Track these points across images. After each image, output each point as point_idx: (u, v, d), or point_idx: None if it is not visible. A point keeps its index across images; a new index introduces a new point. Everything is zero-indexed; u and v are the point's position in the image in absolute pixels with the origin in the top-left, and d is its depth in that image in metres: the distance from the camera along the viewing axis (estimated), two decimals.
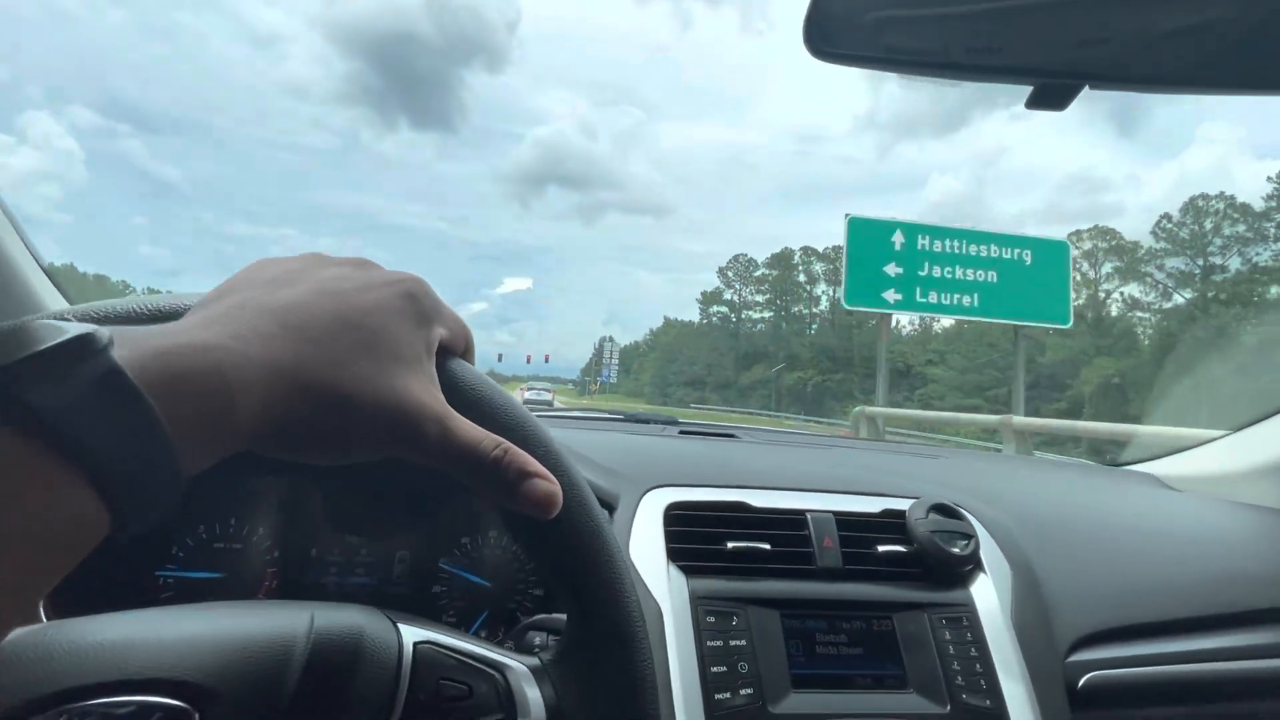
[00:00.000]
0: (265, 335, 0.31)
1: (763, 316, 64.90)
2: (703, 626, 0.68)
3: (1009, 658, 0.72)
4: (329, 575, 0.75)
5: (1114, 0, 0.51)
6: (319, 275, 0.36)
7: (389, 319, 0.35)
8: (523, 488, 0.37)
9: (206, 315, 0.32)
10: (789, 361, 54.93)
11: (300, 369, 0.31)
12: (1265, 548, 0.97)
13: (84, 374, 0.25)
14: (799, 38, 0.50)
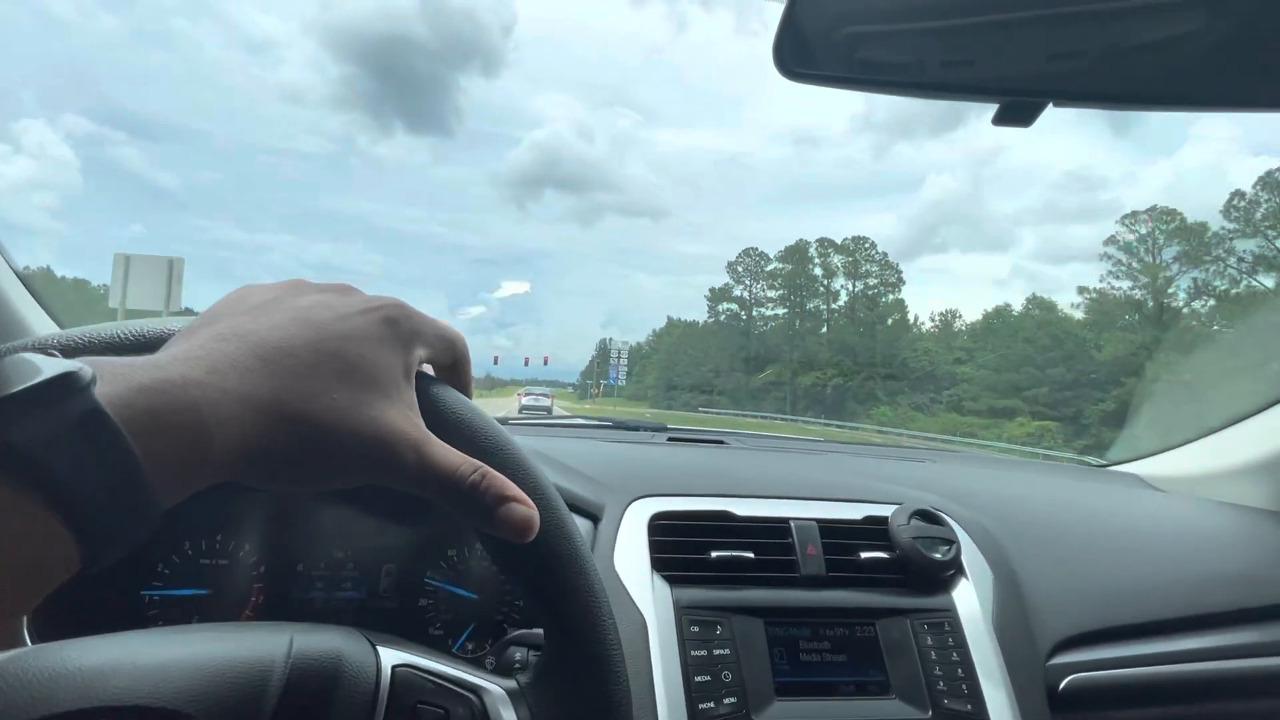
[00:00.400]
0: (243, 368, 0.32)
1: (775, 314, 60.12)
2: (687, 636, 0.68)
3: (990, 662, 0.73)
4: (315, 589, 0.76)
5: (1085, 15, 0.52)
6: (298, 303, 0.36)
7: (366, 346, 0.36)
8: (500, 513, 0.37)
9: (187, 348, 0.32)
10: (804, 361, 51.03)
11: (277, 401, 0.32)
12: (1246, 548, 0.98)
13: (65, 413, 0.26)
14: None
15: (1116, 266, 36.50)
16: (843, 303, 56.45)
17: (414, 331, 0.39)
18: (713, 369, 59.09)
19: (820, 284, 58.68)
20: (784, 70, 0.50)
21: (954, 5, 0.52)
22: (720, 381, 56.53)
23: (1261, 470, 1.11)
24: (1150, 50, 0.49)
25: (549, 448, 0.93)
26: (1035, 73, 0.50)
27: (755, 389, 52.87)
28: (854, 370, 46.88)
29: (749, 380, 54.60)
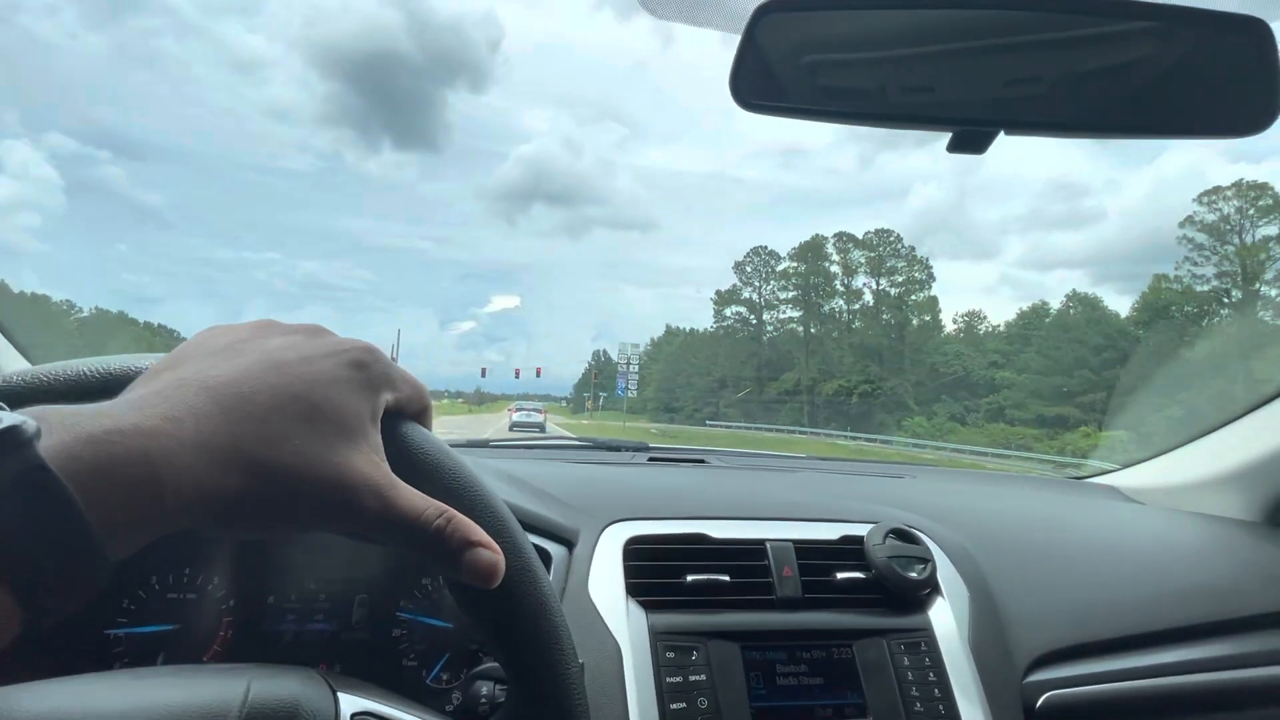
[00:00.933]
0: (200, 414, 0.31)
1: (790, 316, 54.39)
2: (662, 663, 0.68)
3: (966, 681, 0.73)
4: (286, 622, 0.75)
5: (1037, 44, 0.53)
6: (265, 346, 0.36)
7: (333, 389, 0.35)
8: (465, 558, 0.36)
9: (144, 394, 0.32)
10: (824, 369, 46.35)
11: (235, 448, 0.31)
12: (1220, 560, 0.99)
13: (6, 470, 0.25)
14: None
15: (1196, 252, 31.91)
16: (865, 302, 51.43)
17: (383, 375, 0.39)
18: (719, 379, 54.82)
19: (839, 283, 53.17)
20: (741, 101, 0.51)
21: (909, 35, 0.53)
22: (728, 392, 52.33)
23: (1233, 481, 1.12)
24: (1099, 78, 0.50)
25: (527, 471, 0.93)
26: (987, 101, 0.51)
27: (769, 400, 48.64)
28: (881, 377, 42.66)
29: (761, 390, 50.44)
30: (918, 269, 50.53)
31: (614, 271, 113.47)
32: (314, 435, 0.34)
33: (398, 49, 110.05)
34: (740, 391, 51.28)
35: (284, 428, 0.33)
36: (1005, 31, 0.50)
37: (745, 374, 53.03)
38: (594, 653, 0.67)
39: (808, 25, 0.51)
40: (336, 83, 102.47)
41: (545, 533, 0.77)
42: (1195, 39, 0.48)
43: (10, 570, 0.25)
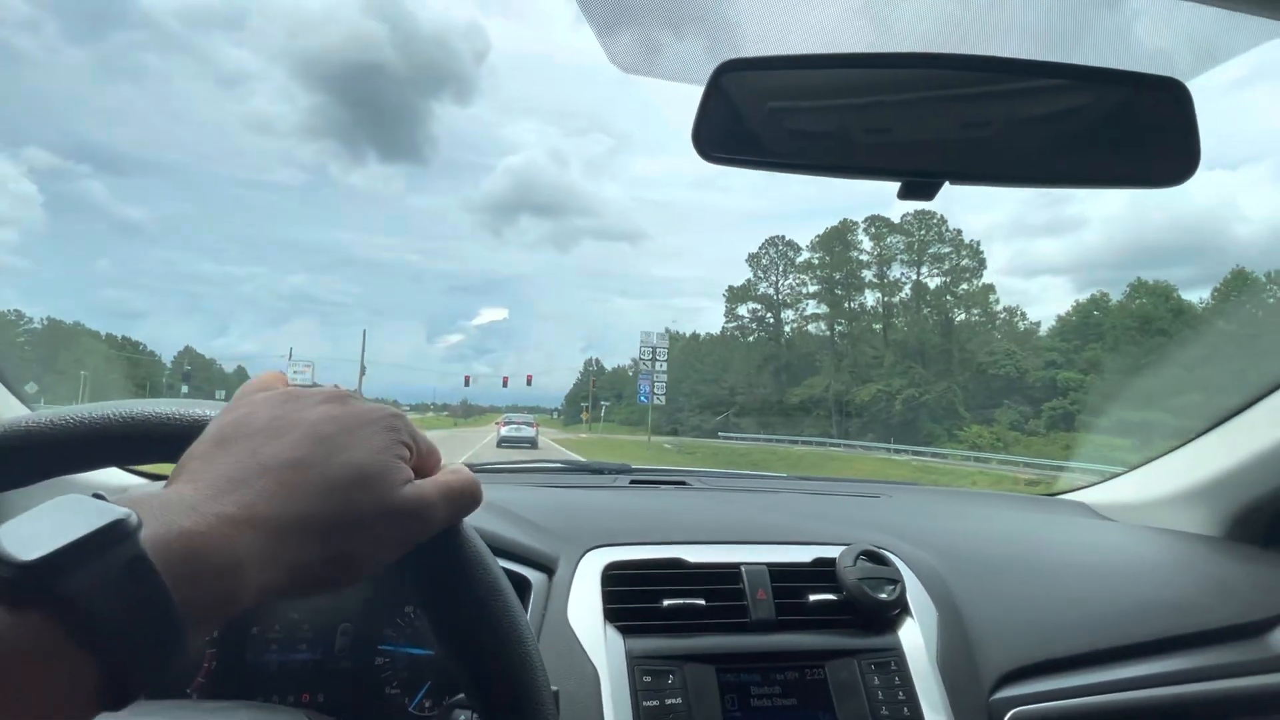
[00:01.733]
0: (269, 497, 0.34)
1: (814, 312, 47.03)
2: (639, 687, 0.70)
3: (935, 699, 0.75)
4: (270, 653, 0.76)
5: (980, 99, 0.57)
6: (306, 419, 0.39)
7: (373, 453, 0.39)
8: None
9: (212, 480, 0.34)
10: (856, 371, 40.01)
11: (305, 522, 0.34)
12: (1182, 575, 1.02)
13: (114, 560, 0.27)
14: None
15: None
16: (904, 296, 43.89)
17: (410, 435, 0.43)
18: (729, 386, 48.61)
19: (871, 274, 45.13)
20: (703, 154, 0.54)
21: (862, 91, 0.56)
22: (743, 399, 46.21)
23: (1196, 496, 1.16)
24: (1034, 134, 0.54)
25: (507, 497, 0.94)
26: (934, 154, 0.55)
27: (791, 407, 42.26)
28: (927, 381, 35.21)
29: (782, 397, 43.97)
30: (966, 255, 42.97)
31: (602, 283, 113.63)
32: (364, 492, 0.37)
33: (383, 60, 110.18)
34: (755, 400, 45.27)
35: (339, 494, 0.36)
36: (950, 90, 0.54)
37: (761, 380, 46.95)
38: (572, 678, 0.69)
39: (766, 82, 0.55)
40: (321, 95, 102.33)
41: (525, 560, 0.79)
42: (1120, 98, 0.51)
43: (107, 652, 0.27)
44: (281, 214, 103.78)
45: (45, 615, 0.26)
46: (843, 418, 38.75)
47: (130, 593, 0.27)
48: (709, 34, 0.67)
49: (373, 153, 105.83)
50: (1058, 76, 0.52)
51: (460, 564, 0.43)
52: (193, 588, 0.29)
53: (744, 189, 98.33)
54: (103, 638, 0.26)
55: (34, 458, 0.41)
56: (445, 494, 0.41)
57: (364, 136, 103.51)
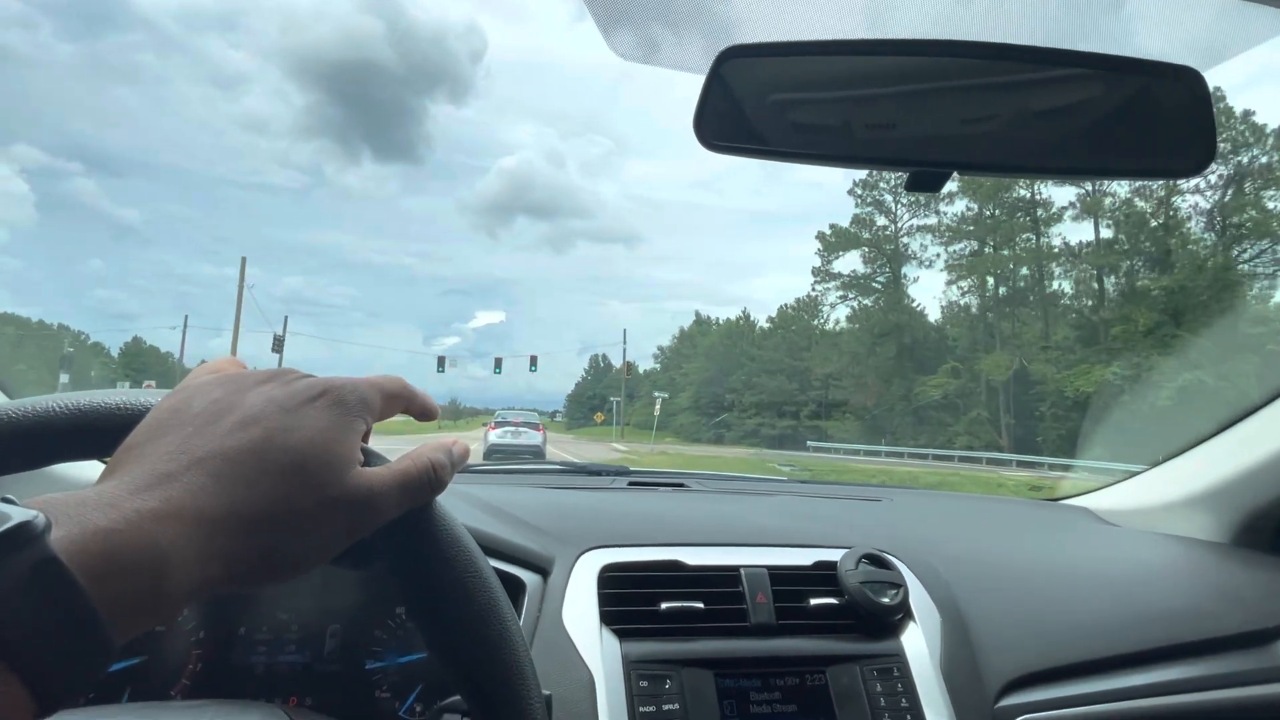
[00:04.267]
0: (195, 489, 0.32)
1: (968, 259, 30.83)
2: (635, 692, 0.68)
3: (939, 707, 0.73)
4: (257, 654, 0.74)
5: (990, 87, 0.55)
6: (242, 405, 0.37)
7: (315, 434, 0.37)
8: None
9: (138, 475, 0.32)
10: (1024, 349, 26.23)
11: (236, 515, 0.33)
12: (1190, 581, 1.01)
13: (18, 565, 0.26)
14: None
15: None
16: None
17: (360, 403, 0.40)
18: (799, 381, 35.48)
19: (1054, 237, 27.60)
20: (705, 142, 0.52)
21: (868, 80, 0.55)
22: (849, 394, 33.00)
23: (1202, 502, 1.14)
24: (1046, 122, 0.53)
25: (503, 498, 0.93)
26: (942, 143, 0.53)
27: (913, 409, 29.45)
28: (1212, 357, 18.71)
29: (907, 391, 29.99)
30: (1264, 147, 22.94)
31: (597, 285, 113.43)
32: (303, 480, 0.35)
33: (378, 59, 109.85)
34: (867, 396, 31.67)
35: (274, 483, 0.34)
36: (959, 78, 0.52)
37: (871, 368, 32.07)
38: (567, 682, 0.67)
39: (769, 69, 0.53)
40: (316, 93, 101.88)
41: (520, 561, 0.77)
42: (1135, 87, 0.50)
43: (22, 661, 0.25)
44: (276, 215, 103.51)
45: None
46: (1002, 424, 24.93)
47: (41, 597, 0.26)
48: (710, 23, 0.66)
49: (367, 152, 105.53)
50: (1070, 65, 0.50)
51: (433, 545, 0.41)
52: (112, 587, 0.28)
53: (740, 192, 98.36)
54: (15, 646, 0.25)
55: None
56: (399, 481, 0.39)
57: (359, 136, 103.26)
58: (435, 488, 0.41)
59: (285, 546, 0.34)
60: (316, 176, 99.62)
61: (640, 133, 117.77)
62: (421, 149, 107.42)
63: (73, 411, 0.40)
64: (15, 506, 0.27)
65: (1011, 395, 26.84)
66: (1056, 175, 0.59)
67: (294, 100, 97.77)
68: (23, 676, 0.25)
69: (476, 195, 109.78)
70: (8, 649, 0.25)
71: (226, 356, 0.45)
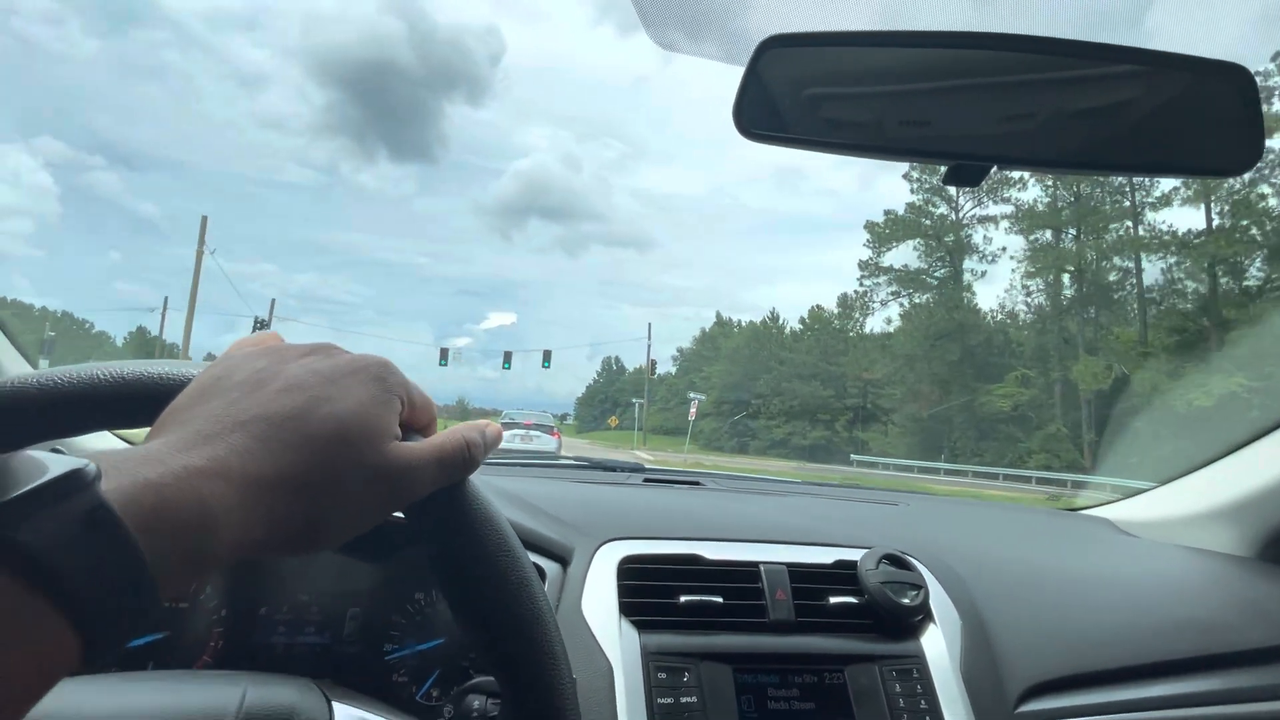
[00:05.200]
0: (241, 450, 0.32)
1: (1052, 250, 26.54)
2: (654, 683, 0.68)
3: (958, 709, 0.72)
4: (278, 634, 0.74)
5: (1031, 83, 0.55)
6: (286, 373, 0.37)
7: (356, 404, 0.37)
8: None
9: (185, 435, 0.33)
10: (1119, 355, 22.23)
11: (280, 478, 0.33)
12: (1214, 594, 0.99)
13: (70, 511, 0.26)
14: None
15: None
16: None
17: (400, 385, 0.41)
18: (838, 387, 32.06)
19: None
20: (744, 131, 0.52)
21: (909, 71, 0.55)
22: (902, 401, 29.04)
23: (1226, 515, 1.12)
24: (1089, 117, 0.52)
25: (523, 489, 0.93)
26: (982, 137, 0.53)
27: (990, 416, 25.32)
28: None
29: (972, 399, 26.12)
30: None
31: (610, 289, 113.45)
32: (345, 448, 0.36)
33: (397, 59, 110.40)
34: (927, 403, 27.29)
35: (316, 449, 0.35)
36: (1000, 71, 0.52)
37: (907, 375, 28.47)
38: (586, 671, 0.67)
39: (811, 59, 0.53)
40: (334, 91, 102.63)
41: (540, 549, 0.77)
42: (1181, 84, 0.50)
43: (73, 606, 0.26)
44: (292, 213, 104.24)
45: (3, 567, 0.24)
46: (1107, 436, 18.81)
47: (93, 543, 0.26)
48: (747, 16, 0.66)
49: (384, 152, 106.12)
50: (1114, 60, 0.50)
51: (469, 522, 0.41)
52: (161, 540, 0.28)
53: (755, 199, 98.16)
54: (66, 591, 0.25)
55: (22, 419, 0.40)
56: (435, 456, 0.39)
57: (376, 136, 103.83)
58: (469, 465, 0.42)
59: (325, 512, 0.34)
60: (333, 175, 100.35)
61: (656, 137, 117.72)
62: (437, 150, 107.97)
63: (116, 380, 0.41)
64: (66, 456, 0.27)
65: (1094, 408, 22.39)
66: (1098, 171, 0.59)
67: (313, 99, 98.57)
68: (73, 621, 0.25)
69: (491, 197, 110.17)
70: (61, 592, 0.25)
71: (266, 330, 0.45)
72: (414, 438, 0.41)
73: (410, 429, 0.41)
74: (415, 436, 0.41)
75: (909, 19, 0.64)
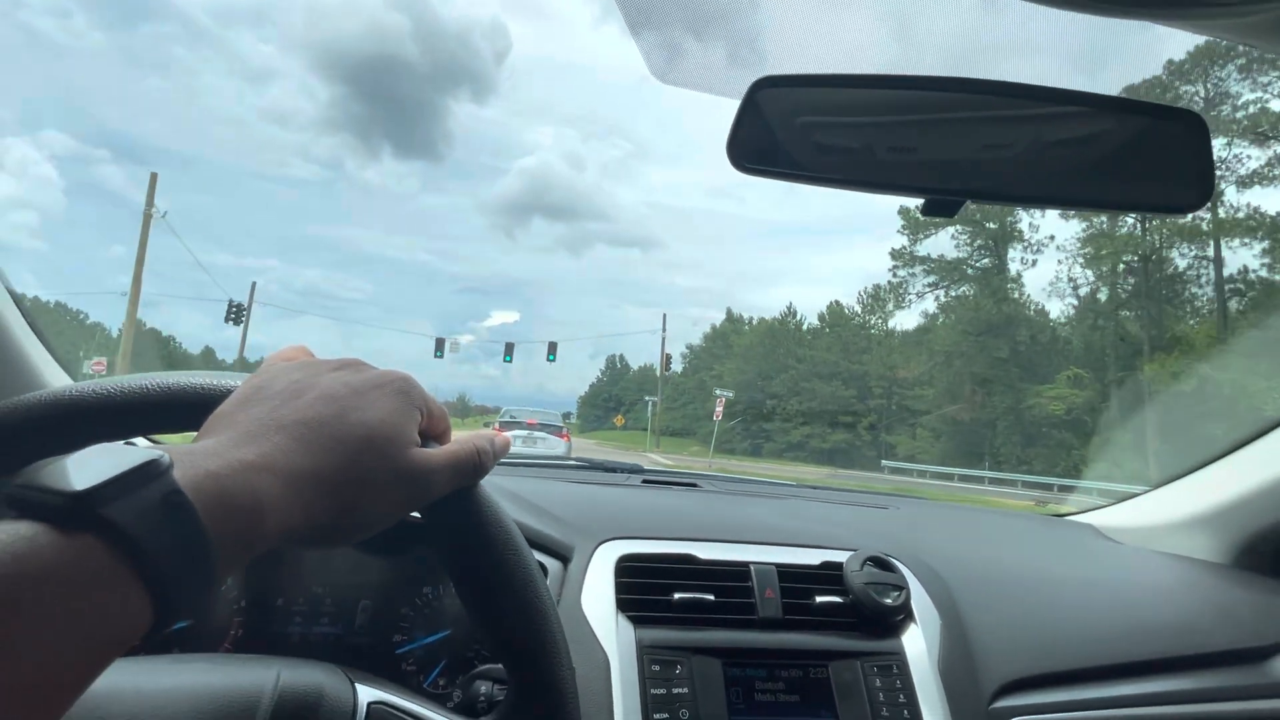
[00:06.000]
0: (284, 450, 0.37)
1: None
2: (648, 675, 0.72)
3: (935, 704, 0.77)
4: (294, 624, 0.79)
5: (1003, 121, 0.59)
6: (320, 384, 0.42)
7: (383, 414, 0.42)
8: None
9: (235, 435, 0.38)
10: (1196, 352, 19.74)
11: (316, 476, 0.38)
12: (1187, 598, 1.03)
13: (151, 493, 0.30)
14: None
15: None
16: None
17: (421, 399, 0.46)
18: (860, 387, 29.41)
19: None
20: (737, 164, 0.57)
21: (893, 110, 0.59)
22: (875, 403, 27.30)
23: (1204, 524, 1.16)
24: (1055, 157, 0.57)
25: (525, 488, 0.97)
26: (957, 172, 0.57)
27: (1041, 420, 22.06)
28: None
29: (1016, 401, 23.47)
30: None
31: (614, 289, 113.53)
32: (372, 452, 0.40)
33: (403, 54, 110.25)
34: (952, 403, 24.83)
35: (348, 451, 0.39)
36: (974, 110, 0.56)
37: (946, 374, 25.89)
38: (584, 663, 0.72)
39: (800, 99, 0.58)
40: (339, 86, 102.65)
41: (542, 547, 0.82)
42: (1140, 126, 0.54)
43: (152, 575, 0.30)
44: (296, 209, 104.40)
45: (96, 539, 0.29)
46: (1175, 444, 16.68)
47: (170, 522, 0.30)
48: (735, 44, 0.70)
49: (388, 149, 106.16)
50: (1079, 104, 0.54)
51: (480, 523, 0.46)
52: (222, 523, 0.32)
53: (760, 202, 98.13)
54: (148, 562, 0.29)
55: (80, 425, 0.44)
56: (450, 462, 0.44)
57: (380, 132, 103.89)
58: (480, 471, 0.46)
59: (353, 507, 0.39)
60: (337, 171, 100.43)
61: (662, 137, 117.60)
62: (442, 147, 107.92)
63: (164, 390, 0.45)
64: (142, 448, 0.32)
65: (1159, 411, 19.03)
66: (1063, 205, 0.63)
67: (318, 94, 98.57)
68: (151, 588, 0.30)
69: (495, 195, 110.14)
70: (144, 563, 0.29)
71: (295, 345, 0.50)
72: (431, 445, 0.46)
73: (428, 437, 0.46)
74: (432, 444, 0.46)
75: (886, 57, 0.68)
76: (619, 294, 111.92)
